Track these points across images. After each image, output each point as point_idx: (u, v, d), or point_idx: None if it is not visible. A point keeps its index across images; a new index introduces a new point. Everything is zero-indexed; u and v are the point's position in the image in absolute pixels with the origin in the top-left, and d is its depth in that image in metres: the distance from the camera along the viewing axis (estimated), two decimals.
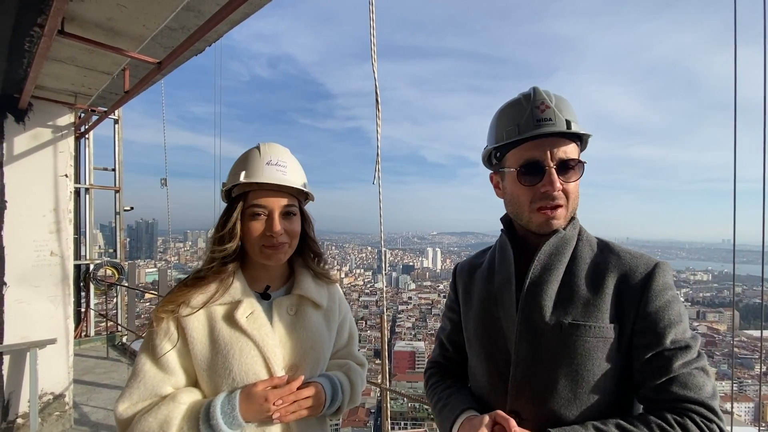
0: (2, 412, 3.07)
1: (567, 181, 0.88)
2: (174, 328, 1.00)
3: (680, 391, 0.76)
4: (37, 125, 3.25)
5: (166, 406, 0.94)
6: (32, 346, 3.12)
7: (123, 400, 0.97)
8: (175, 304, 1.00)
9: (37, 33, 1.92)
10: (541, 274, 0.89)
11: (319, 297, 1.15)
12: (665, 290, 0.83)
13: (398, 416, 47.43)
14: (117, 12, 1.91)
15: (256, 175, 1.03)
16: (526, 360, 0.87)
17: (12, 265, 3.11)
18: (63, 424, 3.41)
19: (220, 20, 1.94)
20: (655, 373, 0.79)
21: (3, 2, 1.74)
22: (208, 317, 1.02)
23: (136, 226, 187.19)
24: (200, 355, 0.99)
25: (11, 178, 3.12)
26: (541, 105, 0.87)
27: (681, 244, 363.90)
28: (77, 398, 3.99)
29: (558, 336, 0.84)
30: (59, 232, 3.35)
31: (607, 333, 0.82)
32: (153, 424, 0.92)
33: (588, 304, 0.84)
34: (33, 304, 3.21)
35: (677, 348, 0.79)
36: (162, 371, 0.99)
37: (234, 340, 1.00)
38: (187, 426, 0.93)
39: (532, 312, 0.87)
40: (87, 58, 2.48)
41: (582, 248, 0.91)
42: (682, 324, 0.81)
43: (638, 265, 0.85)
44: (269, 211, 1.04)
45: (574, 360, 0.82)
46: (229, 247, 1.03)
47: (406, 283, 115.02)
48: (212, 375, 0.99)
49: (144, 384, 0.97)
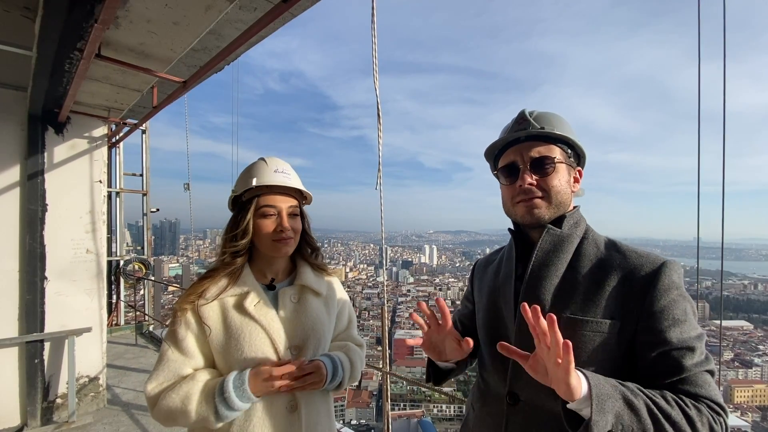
0: (43, 393, 3.12)
1: (543, 176, 0.89)
2: (192, 318, 1.06)
3: (692, 389, 0.72)
4: (74, 137, 3.30)
5: (187, 383, 1.00)
6: (70, 334, 3.16)
7: (151, 381, 1.03)
8: (194, 296, 1.07)
9: (76, 56, 1.96)
10: (540, 270, 0.89)
11: (319, 286, 1.19)
12: (671, 289, 0.78)
13: (398, 398, 47.40)
14: (148, 38, 1.96)
15: (266, 180, 1.10)
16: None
17: (52, 261, 3.16)
18: (97, 404, 3.46)
19: (240, 45, 1.99)
20: (665, 373, 0.74)
21: (47, 29, 1.78)
22: (222, 307, 1.07)
23: (160, 225, 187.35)
24: (216, 340, 1.05)
25: (51, 184, 3.17)
26: (521, 120, 0.92)
27: (656, 242, 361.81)
28: (110, 381, 4.04)
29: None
30: (94, 231, 3.40)
31: (605, 328, 0.79)
32: (176, 399, 0.98)
33: (588, 299, 0.81)
34: (71, 297, 3.26)
35: (684, 348, 0.74)
36: (183, 355, 1.04)
37: (244, 326, 1.05)
38: (205, 399, 0.98)
39: (530, 304, 0.88)
40: (120, 78, 2.53)
41: (587, 246, 0.88)
42: (688, 323, 0.76)
43: (644, 264, 0.81)
44: (278, 211, 1.12)
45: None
46: (242, 243, 1.09)
47: (405, 277, 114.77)
48: (226, 356, 1.04)
49: (168, 367, 1.03)
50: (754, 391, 53.89)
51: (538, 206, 0.89)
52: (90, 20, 1.61)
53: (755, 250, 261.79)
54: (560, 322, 0.80)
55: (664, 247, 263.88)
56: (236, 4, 1.74)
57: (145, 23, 1.84)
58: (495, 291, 0.99)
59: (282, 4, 1.66)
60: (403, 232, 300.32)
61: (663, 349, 0.75)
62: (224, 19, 2.21)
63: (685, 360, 0.73)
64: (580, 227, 0.92)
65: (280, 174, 1.13)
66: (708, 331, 59.41)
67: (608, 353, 0.79)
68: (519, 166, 0.91)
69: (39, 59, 2.08)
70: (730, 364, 57.81)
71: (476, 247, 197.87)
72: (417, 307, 1.00)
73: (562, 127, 0.91)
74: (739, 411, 50.56)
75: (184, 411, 0.97)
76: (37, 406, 3.09)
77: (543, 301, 0.85)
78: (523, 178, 0.89)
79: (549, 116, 0.92)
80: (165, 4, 1.70)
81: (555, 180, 0.89)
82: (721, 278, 3.49)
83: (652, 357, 0.75)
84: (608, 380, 0.70)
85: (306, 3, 1.97)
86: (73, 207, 3.29)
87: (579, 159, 0.96)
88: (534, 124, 0.90)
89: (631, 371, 0.79)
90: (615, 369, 0.78)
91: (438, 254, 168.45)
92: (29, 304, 3.06)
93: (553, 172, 0.89)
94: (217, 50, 2.76)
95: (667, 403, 0.70)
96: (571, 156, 0.93)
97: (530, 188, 0.89)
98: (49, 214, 3.15)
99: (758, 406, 52.74)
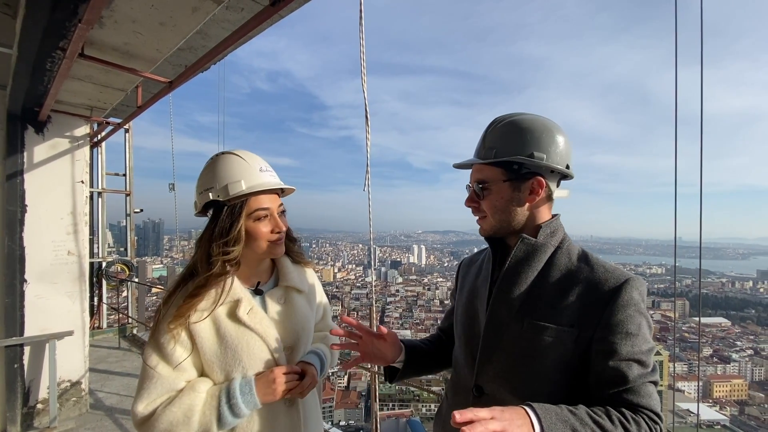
0: (23, 398, 3.05)
1: (480, 198, 0.98)
2: (184, 333, 0.99)
3: (634, 399, 0.78)
4: (55, 136, 3.22)
5: (188, 396, 0.96)
6: (51, 338, 3.09)
7: (141, 400, 0.96)
8: (184, 318, 0.98)
9: (58, 55, 1.93)
10: (511, 276, 0.94)
11: (301, 284, 1.20)
12: (629, 305, 0.82)
13: (387, 398, 47.39)
14: (133, 38, 1.94)
15: (256, 182, 1.04)
16: (490, 346, 0.93)
17: (32, 263, 3.08)
18: (80, 409, 3.39)
19: (228, 46, 1.99)
20: (611, 382, 0.80)
21: (29, 28, 1.75)
22: (213, 319, 1.02)
23: (144, 225, 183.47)
24: (210, 352, 1.01)
25: (31, 184, 3.10)
26: (481, 139, 0.98)
27: (638, 241, 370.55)
28: (92, 385, 3.96)
29: (519, 331, 0.89)
30: (76, 233, 3.34)
31: (565, 336, 0.84)
32: (177, 412, 0.94)
33: (552, 307, 0.86)
34: (52, 300, 3.19)
35: (632, 360, 0.79)
36: (175, 371, 0.99)
37: (240, 335, 1.02)
38: (208, 410, 0.96)
39: (500, 307, 0.93)
40: (103, 77, 2.49)
41: (559, 256, 0.92)
42: (640, 337, 0.81)
43: (609, 279, 0.85)
44: (270, 212, 1.08)
45: (530, 353, 0.87)
46: (236, 250, 1.02)
47: (393, 277, 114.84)
48: (223, 366, 1.01)
49: (160, 383, 0.97)
50: (732, 385, 55.65)
51: (482, 225, 1.00)
52: (74, 20, 1.59)
53: (732, 249, 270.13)
54: (524, 326, 0.89)
55: (646, 247, 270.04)
56: (223, 5, 1.74)
57: (130, 23, 1.83)
58: (473, 291, 1.05)
59: (270, 8, 1.67)
60: (392, 232, 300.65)
61: (612, 359, 0.80)
62: (211, 19, 2.20)
63: (631, 371, 0.79)
64: (556, 237, 0.95)
65: (267, 173, 1.08)
66: (688, 327, 61.12)
67: (565, 358, 0.85)
68: (469, 188, 1.01)
69: (20, 57, 2.04)
70: (709, 360, 59.57)
71: (464, 247, 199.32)
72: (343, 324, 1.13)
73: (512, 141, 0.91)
74: (717, 405, 52.19)
75: (187, 423, 0.94)
76: (17, 411, 3.02)
77: (511, 305, 0.92)
78: (466, 201, 1.01)
79: (502, 131, 0.93)
80: (151, 5, 1.69)
81: (488, 202, 0.96)
82: (699, 277, 3.62)
83: (602, 366, 0.81)
84: (559, 415, 0.72)
85: (294, 5, 1.98)
86: (54, 208, 3.22)
87: (536, 170, 0.92)
88: (481, 147, 0.97)
89: (583, 375, 0.85)
90: (569, 372, 0.85)
91: (426, 254, 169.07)
92: (8, 307, 2.98)
93: (488, 194, 0.96)
94: (204, 50, 2.74)
95: (612, 424, 0.74)
96: (520, 171, 0.91)
97: (474, 210, 1.00)
98: (29, 215, 3.08)
99: (736, 400, 54.49)
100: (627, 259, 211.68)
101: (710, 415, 46.11)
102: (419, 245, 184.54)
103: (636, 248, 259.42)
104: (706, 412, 46.14)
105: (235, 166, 1.05)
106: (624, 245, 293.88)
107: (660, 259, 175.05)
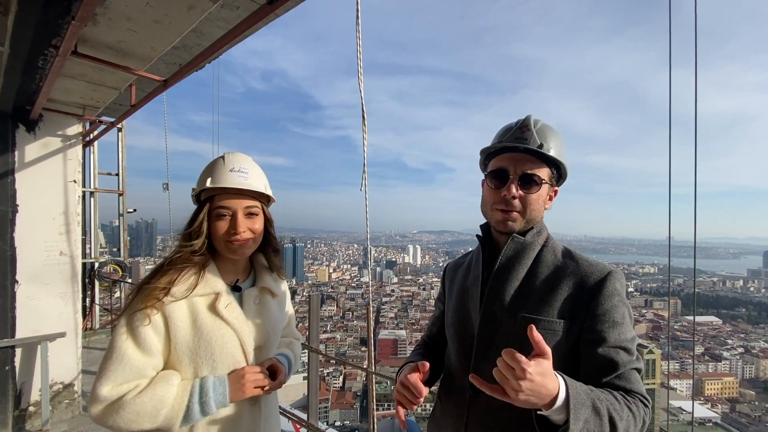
0: (15, 401, 3.00)
1: (527, 192, 0.93)
2: (158, 314, 0.99)
3: (626, 385, 0.84)
4: (47, 135, 3.18)
5: (162, 387, 0.96)
6: (43, 340, 3.06)
7: (106, 381, 0.93)
8: (160, 292, 0.99)
9: (51, 53, 1.91)
10: (503, 273, 0.96)
11: (276, 288, 1.23)
12: (613, 295, 0.87)
13: (383, 398, 47.32)
14: (128, 36, 1.92)
15: (220, 180, 1.07)
16: (485, 343, 0.95)
17: (24, 264, 3.04)
18: (72, 411, 3.35)
19: (223, 45, 1.97)
20: (601, 369, 0.85)
21: (21, 25, 1.73)
22: (190, 308, 1.03)
23: (136, 225, 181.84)
24: (182, 341, 1.01)
25: (22, 184, 3.05)
26: (524, 128, 0.94)
27: (632, 241, 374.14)
28: (85, 387, 3.90)
29: (513, 326, 0.91)
30: (68, 233, 3.29)
31: (556, 327, 0.88)
32: (147, 405, 0.93)
33: (542, 301, 0.90)
34: (44, 300, 3.15)
35: (619, 347, 0.85)
36: (145, 355, 0.97)
37: (216, 328, 1.04)
38: (177, 404, 0.96)
39: (493, 304, 0.95)
40: (97, 75, 2.46)
41: (546, 253, 0.96)
42: (624, 326, 0.87)
43: (593, 272, 0.90)
44: (233, 212, 1.08)
45: (525, 346, 0.87)
46: (195, 243, 1.05)
47: (389, 277, 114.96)
48: (194, 358, 1.01)
49: (128, 366, 0.94)
50: (724, 383, 56.42)
51: (513, 219, 0.95)
52: (66, 17, 1.57)
53: (724, 249, 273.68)
54: (518, 320, 0.91)
55: (639, 246, 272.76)
56: (219, 3, 1.73)
57: (124, 21, 1.80)
58: (464, 292, 1.06)
59: (266, 6, 1.66)
60: (387, 232, 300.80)
61: (601, 347, 0.85)
62: (206, 18, 2.18)
63: (620, 357, 0.85)
64: (542, 236, 0.99)
65: (236, 174, 1.08)
66: (680, 326, 61.83)
67: (558, 348, 0.87)
68: (509, 175, 0.94)
69: (11, 55, 2.01)
70: (701, 358, 60.31)
71: (459, 247, 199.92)
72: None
73: (558, 146, 0.94)
74: (709, 403, 52.84)
75: (155, 415, 0.93)
76: (9, 414, 2.98)
77: (504, 301, 0.94)
78: (509, 188, 0.93)
79: (550, 133, 0.94)
80: (146, 3, 1.67)
81: (536, 199, 0.95)
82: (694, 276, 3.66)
83: (592, 353, 0.86)
84: (582, 387, 0.77)
85: (291, 3, 1.97)
86: (46, 208, 3.18)
87: (560, 179, 1.01)
88: (535, 138, 0.92)
89: (575, 362, 0.89)
90: (563, 364, 0.87)
91: (422, 254, 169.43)
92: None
93: (537, 191, 0.94)
94: (199, 48, 2.72)
95: (619, 404, 0.80)
96: (555, 176, 0.98)
97: (512, 200, 0.94)
98: (20, 215, 3.04)
99: (727, 398, 55.24)
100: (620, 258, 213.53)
101: (702, 413, 46.68)
102: (414, 245, 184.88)
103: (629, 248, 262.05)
104: (698, 410, 46.69)
105: (212, 166, 1.11)
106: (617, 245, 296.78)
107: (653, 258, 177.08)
